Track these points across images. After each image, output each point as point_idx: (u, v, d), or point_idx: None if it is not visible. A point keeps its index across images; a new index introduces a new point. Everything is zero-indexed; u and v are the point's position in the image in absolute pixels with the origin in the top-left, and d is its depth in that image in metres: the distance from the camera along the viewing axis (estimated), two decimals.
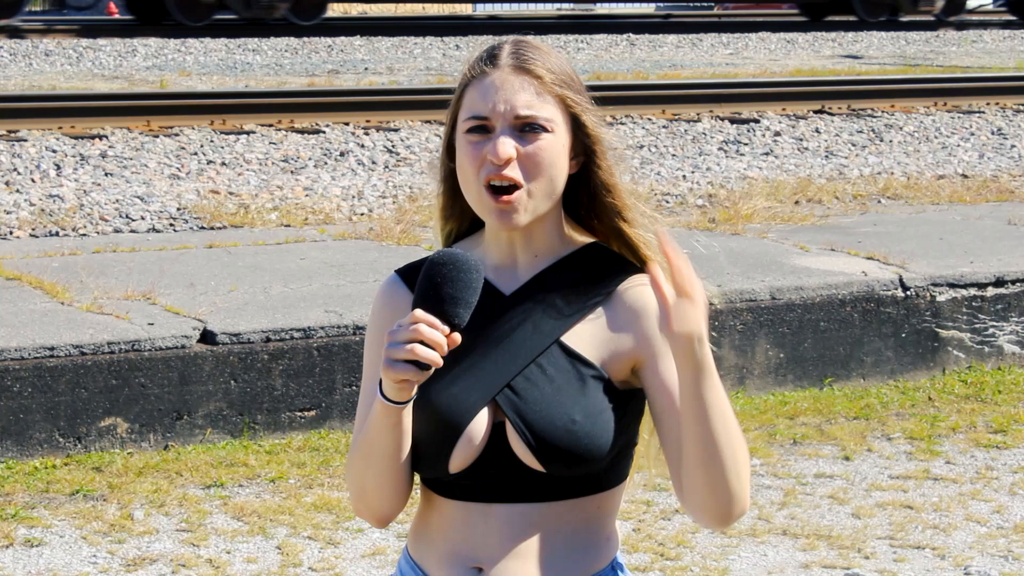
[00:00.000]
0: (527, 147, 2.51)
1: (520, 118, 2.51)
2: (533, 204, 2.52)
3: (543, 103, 2.53)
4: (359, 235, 8.84)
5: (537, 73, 2.54)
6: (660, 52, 23.27)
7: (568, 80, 2.57)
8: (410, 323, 2.38)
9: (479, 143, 2.52)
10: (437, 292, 2.40)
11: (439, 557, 2.59)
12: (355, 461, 2.56)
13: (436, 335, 2.37)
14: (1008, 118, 14.51)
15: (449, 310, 2.40)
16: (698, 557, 5.64)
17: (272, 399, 6.68)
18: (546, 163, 2.52)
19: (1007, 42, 25.96)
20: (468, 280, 2.41)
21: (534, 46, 2.58)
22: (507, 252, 2.58)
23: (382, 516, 2.60)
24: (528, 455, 2.50)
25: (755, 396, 7.43)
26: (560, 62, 2.57)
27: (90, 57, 20.40)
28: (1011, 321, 8.02)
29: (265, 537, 5.74)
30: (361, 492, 2.58)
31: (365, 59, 21.14)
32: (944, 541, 5.81)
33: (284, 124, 12.88)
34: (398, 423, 2.48)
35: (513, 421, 2.51)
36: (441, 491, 2.58)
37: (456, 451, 2.52)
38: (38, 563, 5.51)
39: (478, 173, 2.52)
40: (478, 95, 2.54)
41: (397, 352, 2.38)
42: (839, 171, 11.93)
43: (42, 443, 6.37)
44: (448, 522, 2.58)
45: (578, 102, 2.56)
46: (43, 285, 7.32)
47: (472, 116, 2.53)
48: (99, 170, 10.86)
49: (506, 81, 2.53)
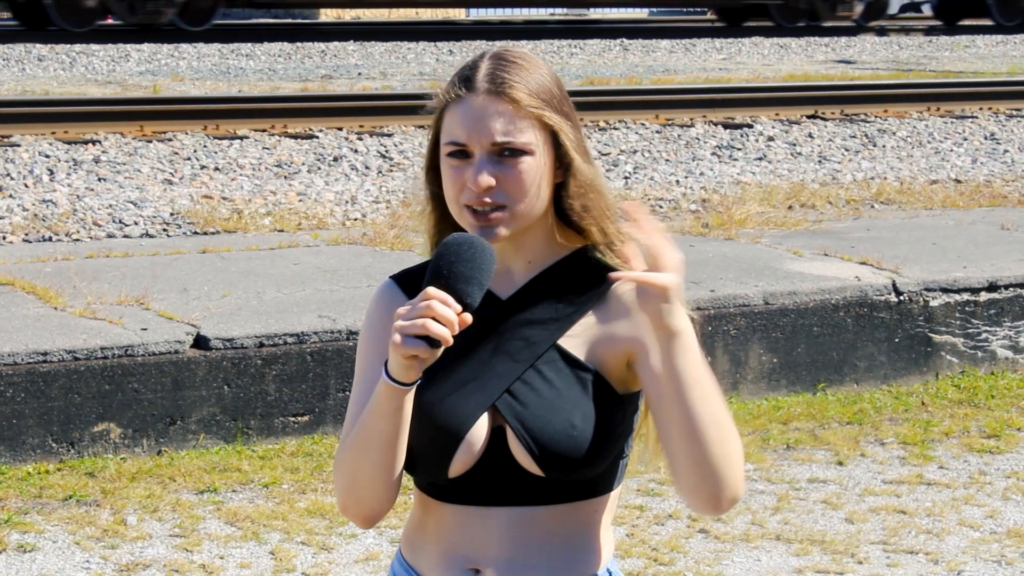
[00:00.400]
0: (507, 172, 2.51)
1: (497, 144, 2.51)
2: (516, 222, 2.53)
3: (520, 130, 2.52)
4: (353, 240, 8.83)
5: (514, 97, 2.52)
6: (653, 57, 23.29)
7: (547, 96, 2.55)
8: (422, 299, 2.37)
9: (460, 168, 2.52)
10: (451, 270, 2.38)
11: (435, 560, 2.59)
12: (347, 453, 2.54)
13: (448, 312, 2.36)
14: (1001, 123, 14.52)
15: (462, 288, 2.38)
16: (691, 562, 5.64)
17: (265, 404, 6.68)
18: (527, 184, 2.52)
19: (1000, 47, 26.00)
20: (482, 262, 2.40)
21: (511, 62, 2.55)
22: (500, 258, 2.59)
23: (370, 513, 2.58)
24: (529, 460, 2.51)
25: (748, 401, 7.43)
26: (539, 76, 2.55)
27: (83, 62, 20.39)
28: (1004, 326, 8.03)
29: (258, 542, 5.74)
30: (351, 485, 2.55)
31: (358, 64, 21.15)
32: (937, 546, 5.81)
33: (277, 129, 12.88)
34: (399, 407, 2.46)
35: (514, 427, 2.51)
36: (437, 495, 2.58)
37: (456, 457, 2.51)
38: (31, 569, 5.50)
39: (459, 196, 2.53)
40: (456, 121, 2.53)
41: (410, 327, 2.36)
42: (832, 176, 11.94)
43: (35, 448, 6.36)
44: (444, 525, 2.58)
45: (555, 117, 2.55)
46: (36, 290, 7.31)
47: (451, 142, 2.53)
48: (92, 175, 10.85)
49: (481, 108, 2.52)
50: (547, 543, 2.56)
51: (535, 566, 2.55)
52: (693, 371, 2.43)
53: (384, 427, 2.48)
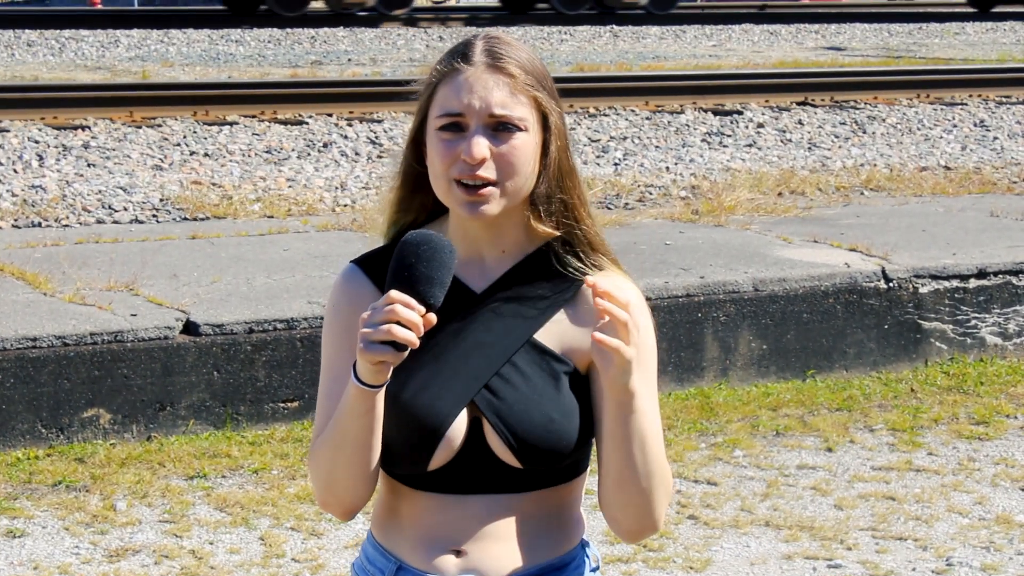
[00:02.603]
0: (501, 147, 2.50)
1: (494, 116, 2.50)
2: (505, 200, 2.52)
3: (517, 102, 2.51)
4: (342, 226, 8.83)
5: (511, 71, 2.52)
6: (643, 44, 23.28)
7: (540, 78, 2.55)
8: (385, 304, 2.35)
9: (452, 141, 2.50)
10: (412, 272, 2.37)
11: (412, 542, 2.59)
12: (323, 452, 2.54)
13: (412, 315, 2.35)
14: (991, 110, 14.53)
15: (424, 290, 2.36)
16: (681, 548, 5.64)
17: (255, 390, 6.67)
18: (520, 162, 2.51)
19: (990, 34, 26.01)
20: (442, 260, 2.38)
21: (506, 42, 2.56)
22: (473, 248, 2.57)
23: (349, 507, 2.58)
24: (507, 453, 2.52)
25: (738, 387, 7.44)
26: (531, 59, 2.56)
27: (72, 48, 20.35)
28: (993, 313, 8.04)
29: (248, 528, 5.74)
30: (329, 483, 2.56)
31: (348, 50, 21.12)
32: (926, 532, 5.82)
33: (267, 115, 12.86)
34: (371, 408, 2.46)
35: (492, 422, 2.51)
36: (414, 484, 2.58)
37: (437, 452, 2.52)
38: (20, 554, 5.50)
39: (448, 170, 2.51)
40: (451, 92, 2.52)
41: (374, 334, 2.35)
42: (822, 163, 11.95)
43: (24, 434, 6.35)
44: (421, 511, 2.58)
45: (547, 100, 2.55)
46: (25, 276, 7.30)
47: (445, 113, 2.51)
48: (82, 161, 10.84)
49: (480, 79, 2.51)
50: (526, 525, 2.57)
51: (516, 545, 2.57)
52: (639, 427, 2.46)
53: (357, 427, 2.48)
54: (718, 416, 7.03)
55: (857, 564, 5.53)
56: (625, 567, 5.46)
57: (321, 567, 5.43)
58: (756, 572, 5.48)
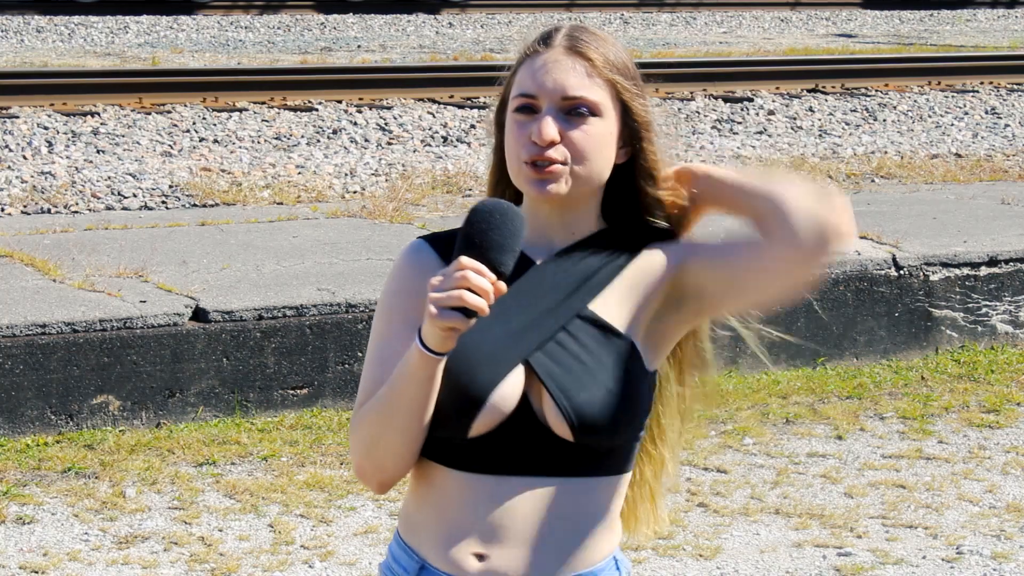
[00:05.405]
0: (573, 131, 2.49)
1: (568, 99, 2.49)
2: (574, 183, 2.49)
3: (592, 85, 2.50)
4: (352, 213, 8.82)
5: (589, 56, 2.51)
6: (654, 30, 23.24)
7: (622, 67, 2.54)
8: (456, 270, 2.33)
9: (525, 123, 2.50)
10: (484, 239, 2.34)
11: (436, 540, 2.53)
12: (372, 416, 2.49)
13: (483, 282, 2.32)
14: (1002, 97, 14.49)
15: (495, 257, 2.34)
16: (691, 536, 5.64)
17: (264, 377, 6.67)
18: (592, 148, 2.50)
19: (1001, 21, 25.95)
20: (514, 228, 2.36)
21: (591, 32, 2.55)
22: (543, 230, 2.55)
23: (386, 477, 2.52)
24: (560, 422, 2.46)
25: (748, 375, 7.43)
26: (616, 49, 2.54)
27: (82, 34, 20.35)
28: (1004, 300, 8.02)
29: (257, 515, 5.74)
30: (371, 449, 2.50)
31: (358, 36, 21.10)
32: (936, 520, 5.81)
33: (276, 102, 12.85)
34: (432, 376, 2.42)
35: (551, 388, 2.46)
36: (448, 460, 2.51)
37: (482, 414, 2.46)
38: (30, 540, 5.50)
39: (520, 152, 2.49)
40: (528, 74, 2.51)
41: (446, 299, 2.32)
42: (832, 150, 11.93)
43: (34, 420, 6.36)
44: (449, 498, 2.52)
45: (629, 88, 2.53)
46: (35, 262, 7.30)
47: (520, 94, 2.51)
48: (91, 147, 10.83)
49: (557, 61, 2.51)
50: (556, 524, 2.51)
51: (543, 549, 2.51)
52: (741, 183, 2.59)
53: (415, 394, 2.44)
54: (728, 404, 7.02)
55: (867, 552, 5.52)
56: (635, 555, 5.45)
57: (331, 554, 5.43)
58: (766, 560, 5.47)
